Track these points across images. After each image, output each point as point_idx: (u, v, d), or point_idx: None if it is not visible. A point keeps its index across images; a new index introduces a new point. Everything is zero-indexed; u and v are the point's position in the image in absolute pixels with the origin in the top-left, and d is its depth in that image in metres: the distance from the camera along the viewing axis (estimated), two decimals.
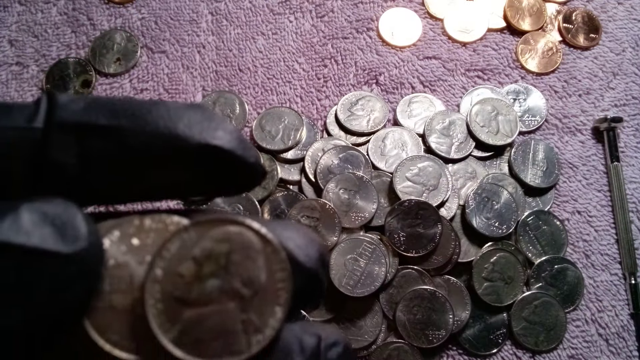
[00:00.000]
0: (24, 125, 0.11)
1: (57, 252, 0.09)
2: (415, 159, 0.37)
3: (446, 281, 0.35)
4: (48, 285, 0.09)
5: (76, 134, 0.11)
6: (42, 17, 0.43)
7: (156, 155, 0.12)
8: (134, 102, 0.12)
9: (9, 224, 0.09)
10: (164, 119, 0.12)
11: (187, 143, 0.12)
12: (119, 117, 0.12)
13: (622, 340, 0.35)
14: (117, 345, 0.11)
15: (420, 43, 0.42)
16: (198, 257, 0.11)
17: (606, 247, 0.37)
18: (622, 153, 0.39)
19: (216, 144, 0.12)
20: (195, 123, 0.12)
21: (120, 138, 0.12)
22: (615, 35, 0.43)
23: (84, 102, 0.12)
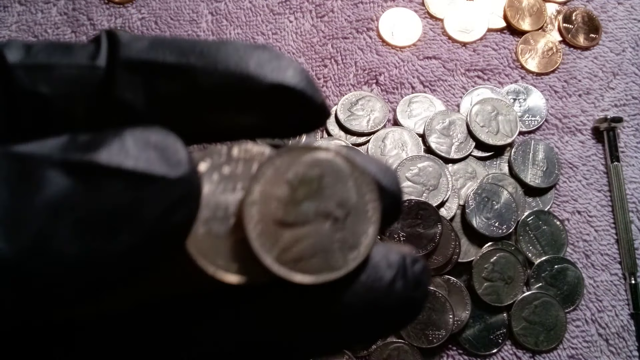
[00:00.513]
0: (86, 63, 0.11)
1: (163, 176, 0.09)
2: (415, 159, 0.37)
3: (446, 281, 0.35)
4: (156, 208, 0.09)
5: (143, 72, 0.11)
6: (42, 17, 0.43)
7: (227, 95, 0.12)
8: (200, 41, 0.12)
9: (117, 149, 0.09)
10: (234, 58, 0.12)
11: (259, 82, 0.12)
12: (188, 55, 0.12)
13: (622, 340, 0.35)
14: (220, 268, 0.11)
15: (420, 43, 0.42)
16: (292, 181, 0.12)
17: (606, 247, 0.37)
18: (622, 153, 0.39)
19: (288, 83, 0.12)
20: (265, 62, 0.12)
21: (190, 77, 0.11)
22: (615, 35, 0.43)
23: (148, 41, 0.12)
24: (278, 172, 0.12)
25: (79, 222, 0.09)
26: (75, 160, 0.09)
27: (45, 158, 0.09)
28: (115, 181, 0.09)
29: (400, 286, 0.12)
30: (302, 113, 0.12)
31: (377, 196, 0.12)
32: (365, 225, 0.12)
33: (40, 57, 0.11)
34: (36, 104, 0.11)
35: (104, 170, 0.09)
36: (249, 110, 0.12)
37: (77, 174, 0.09)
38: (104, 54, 0.11)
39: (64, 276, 0.09)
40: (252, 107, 0.12)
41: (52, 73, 0.11)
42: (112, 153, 0.09)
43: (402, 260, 0.12)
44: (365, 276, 0.12)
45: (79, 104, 0.11)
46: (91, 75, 0.11)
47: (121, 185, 0.09)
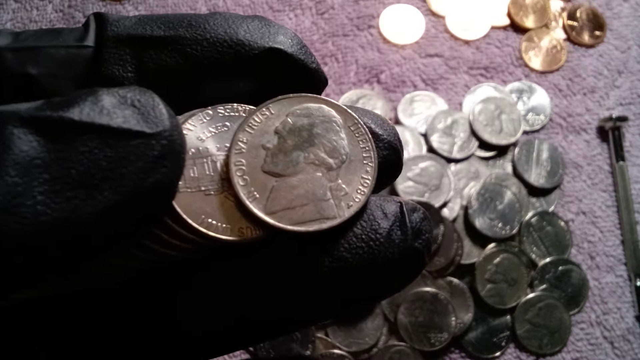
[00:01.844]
0: (74, 44, 0.11)
1: (140, 131, 0.09)
2: (417, 158, 0.36)
3: (448, 283, 0.34)
4: (134, 165, 0.09)
5: (131, 47, 0.11)
6: (37, 14, 0.42)
7: (218, 64, 0.12)
8: (188, 14, 0.12)
9: (90, 106, 0.09)
10: (223, 26, 0.12)
11: (249, 48, 0.12)
12: (176, 27, 0.12)
13: (627, 343, 0.34)
14: (211, 228, 0.11)
15: (422, 41, 0.41)
16: (281, 131, 0.11)
17: (611, 248, 0.36)
18: (627, 152, 0.38)
19: (278, 47, 0.12)
20: (255, 29, 0.12)
21: (179, 48, 0.11)
22: (620, 32, 0.42)
23: (136, 18, 0.12)
24: (267, 122, 0.11)
25: (53, 181, 0.08)
26: (45, 117, 0.09)
27: (13, 115, 0.09)
28: (89, 138, 0.09)
29: (399, 236, 0.11)
30: (295, 77, 0.12)
31: (372, 145, 0.12)
32: (360, 173, 0.12)
33: (28, 41, 0.11)
34: (25, 85, 0.11)
35: (77, 126, 0.09)
36: (242, 77, 0.12)
37: (48, 131, 0.09)
38: (92, 34, 0.12)
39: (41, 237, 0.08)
40: (245, 74, 0.12)
41: (40, 54, 0.11)
42: (84, 110, 0.09)
43: (399, 209, 0.12)
44: (360, 227, 0.11)
45: (68, 84, 0.11)
46: (79, 54, 0.11)
47: (96, 142, 0.09)
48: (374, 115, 0.13)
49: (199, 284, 0.11)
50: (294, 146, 0.11)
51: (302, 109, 0.12)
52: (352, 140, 0.12)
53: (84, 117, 0.09)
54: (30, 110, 0.09)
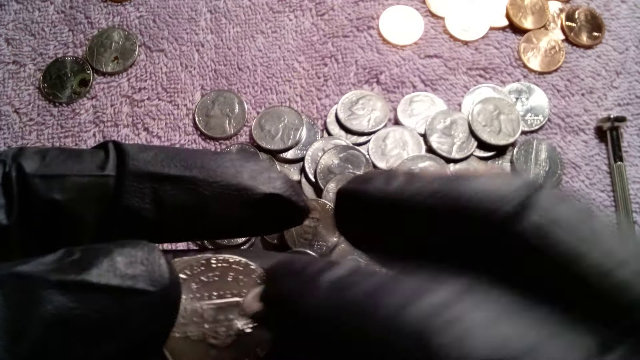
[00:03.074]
0: (97, 173, 0.13)
1: (146, 290, 0.11)
2: (417, 158, 0.37)
3: None
4: (137, 319, 0.11)
5: (151, 182, 0.13)
6: (39, 16, 0.42)
7: (225, 203, 0.13)
8: (199, 153, 0.14)
9: (107, 267, 0.11)
10: (231, 171, 0.14)
11: (253, 193, 0.14)
12: (191, 168, 0.13)
13: None
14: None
15: (422, 41, 0.42)
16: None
17: None
18: (625, 153, 0.39)
19: (277, 192, 0.14)
20: (258, 174, 0.14)
21: (193, 188, 0.13)
22: (618, 33, 0.42)
23: (153, 152, 0.13)
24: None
25: (69, 334, 0.10)
26: (70, 280, 0.10)
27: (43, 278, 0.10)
28: (103, 298, 0.10)
29: None
30: (288, 214, 0.14)
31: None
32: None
33: (54, 166, 0.13)
34: (51, 209, 0.12)
35: (94, 288, 0.10)
36: (244, 215, 0.14)
37: (71, 292, 0.10)
38: (113, 164, 0.13)
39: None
40: (246, 212, 0.14)
41: (65, 181, 0.12)
42: (101, 272, 0.10)
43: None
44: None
45: (89, 209, 0.13)
46: (101, 183, 0.13)
47: (108, 301, 0.10)
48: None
49: None
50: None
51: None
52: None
53: (101, 280, 0.10)
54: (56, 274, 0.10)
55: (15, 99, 0.40)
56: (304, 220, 0.15)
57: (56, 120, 0.39)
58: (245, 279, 0.13)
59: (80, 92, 0.40)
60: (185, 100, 0.40)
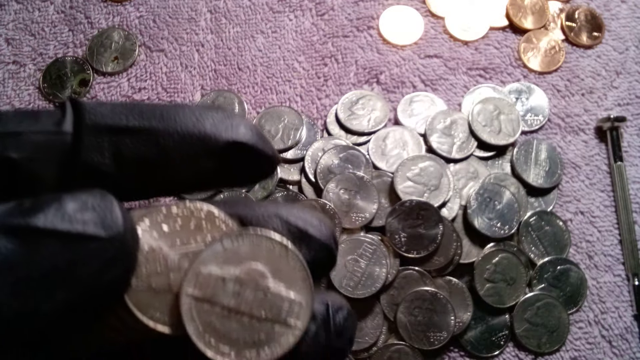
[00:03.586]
0: (53, 129, 0.12)
1: (97, 236, 0.10)
2: (417, 158, 0.37)
3: (447, 282, 0.34)
4: (90, 267, 0.10)
5: (109, 136, 0.12)
6: (39, 16, 0.42)
7: (187, 154, 0.13)
8: (159, 105, 0.13)
9: (54, 212, 0.10)
10: (192, 119, 0.13)
11: (215, 141, 0.13)
12: (150, 118, 0.13)
13: (625, 342, 0.35)
14: (159, 322, 0.12)
15: (422, 41, 0.42)
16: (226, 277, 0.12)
17: (609, 247, 0.37)
18: (625, 153, 0.39)
19: (241, 139, 0.13)
20: (219, 122, 0.13)
21: (153, 139, 0.13)
22: (618, 33, 0.42)
23: (111, 106, 0.13)
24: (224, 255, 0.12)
25: (17, 282, 0.10)
26: (15, 224, 0.10)
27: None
28: (51, 243, 0.10)
29: (324, 338, 0.13)
30: (254, 164, 0.14)
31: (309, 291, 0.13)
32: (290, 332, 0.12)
33: (10, 125, 0.12)
34: (6, 168, 0.12)
35: (41, 232, 0.10)
36: (206, 164, 0.13)
37: (17, 236, 0.10)
38: (70, 120, 0.12)
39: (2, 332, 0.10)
40: (208, 162, 0.13)
41: (20, 139, 0.12)
42: (48, 216, 0.10)
43: (325, 311, 0.13)
44: None
45: (47, 167, 0.12)
46: (58, 140, 0.12)
47: (57, 246, 0.10)
48: (314, 216, 0.14)
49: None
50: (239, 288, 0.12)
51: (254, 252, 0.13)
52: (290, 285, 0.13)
53: (48, 224, 0.10)
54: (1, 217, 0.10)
55: (15, 99, 0.40)
56: (273, 170, 0.14)
57: None
58: (209, 227, 0.13)
59: (81, 92, 0.40)
60: (185, 100, 0.40)
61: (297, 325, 0.12)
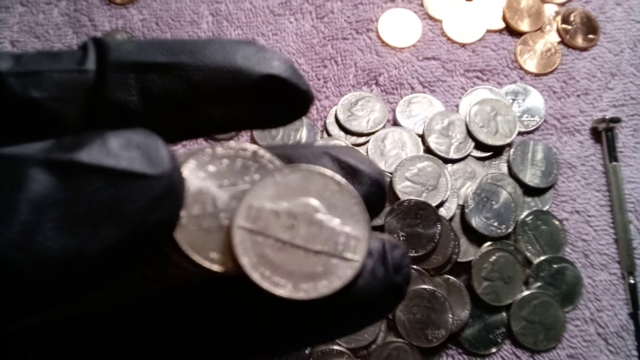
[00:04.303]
0: (75, 67, 0.12)
1: (144, 173, 0.10)
2: (415, 159, 0.37)
3: (445, 281, 0.35)
4: (137, 204, 0.10)
5: (135, 72, 0.12)
6: (43, 18, 0.43)
7: (218, 89, 0.12)
8: (187, 40, 0.13)
9: (99, 148, 0.10)
10: (222, 53, 0.12)
11: (248, 74, 0.12)
12: (177, 53, 0.12)
13: (621, 340, 0.35)
14: (215, 262, 0.12)
15: (420, 44, 0.42)
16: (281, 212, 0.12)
17: (605, 246, 0.37)
18: (620, 153, 0.39)
19: (274, 73, 0.12)
20: (252, 55, 0.12)
21: (181, 74, 0.12)
22: (613, 36, 0.43)
23: (136, 43, 0.12)
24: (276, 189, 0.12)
25: (62, 218, 0.09)
26: (58, 159, 0.09)
27: (29, 158, 0.09)
28: (96, 179, 0.09)
29: (382, 273, 0.12)
30: (289, 100, 0.13)
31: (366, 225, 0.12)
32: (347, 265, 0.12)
33: (30, 64, 0.12)
34: (29, 109, 0.11)
35: (86, 168, 0.09)
36: (239, 101, 0.13)
37: (60, 172, 0.09)
38: (92, 58, 0.12)
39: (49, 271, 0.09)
40: (243, 98, 0.12)
41: (42, 78, 0.11)
42: (93, 152, 0.10)
43: (381, 247, 0.13)
44: None
45: (71, 107, 0.12)
46: (81, 78, 0.12)
47: (102, 183, 0.09)
48: (360, 155, 0.14)
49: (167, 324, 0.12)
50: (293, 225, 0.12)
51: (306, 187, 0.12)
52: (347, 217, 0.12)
53: (93, 159, 0.09)
54: (43, 153, 0.09)
55: None
56: (308, 108, 0.13)
57: None
58: (257, 166, 0.12)
59: None
60: None
61: (355, 259, 0.12)
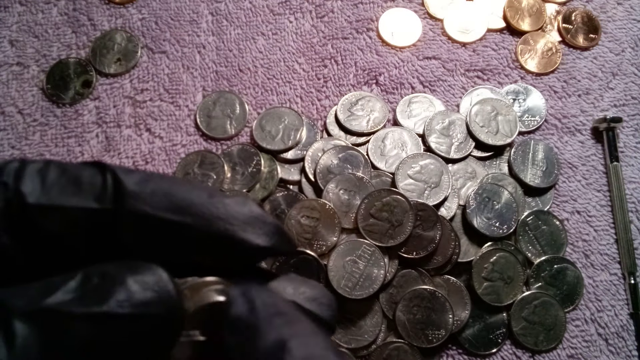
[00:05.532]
0: (95, 206, 0.13)
1: (159, 315, 0.12)
2: (417, 156, 0.37)
3: (446, 281, 0.35)
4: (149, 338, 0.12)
5: (145, 223, 0.13)
6: (42, 18, 0.43)
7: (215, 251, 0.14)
8: (195, 196, 0.14)
9: (122, 297, 0.12)
10: (223, 221, 0.14)
11: (244, 246, 0.14)
12: (184, 213, 0.14)
13: (621, 340, 0.35)
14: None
15: (420, 43, 0.42)
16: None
17: (605, 247, 0.37)
18: (621, 153, 0.39)
19: (264, 245, 0.14)
20: (248, 225, 0.14)
21: (184, 233, 0.14)
22: (614, 35, 0.43)
23: (151, 190, 0.14)
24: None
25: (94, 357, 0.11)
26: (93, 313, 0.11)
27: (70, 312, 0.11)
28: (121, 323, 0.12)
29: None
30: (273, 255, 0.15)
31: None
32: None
33: (53, 194, 0.13)
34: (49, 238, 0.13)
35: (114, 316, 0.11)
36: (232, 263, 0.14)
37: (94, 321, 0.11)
38: (110, 197, 0.13)
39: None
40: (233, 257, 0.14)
41: (64, 214, 0.13)
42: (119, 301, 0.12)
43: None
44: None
45: (84, 241, 0.13)
46: (99, 220, 0.13)
47: (125, 325, 0.12)
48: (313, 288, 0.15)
49: None
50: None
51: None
52: None
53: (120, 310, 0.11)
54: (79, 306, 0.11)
55: (19, 100, 0.40)
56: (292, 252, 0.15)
57: (59, 121, 0.40)
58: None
59: (84, 93, 0.40)
60: (186, 101, 0.40)
61: None
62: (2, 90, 0.41)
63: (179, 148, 0.39)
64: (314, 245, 0.34)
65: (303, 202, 0.36)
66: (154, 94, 0.41)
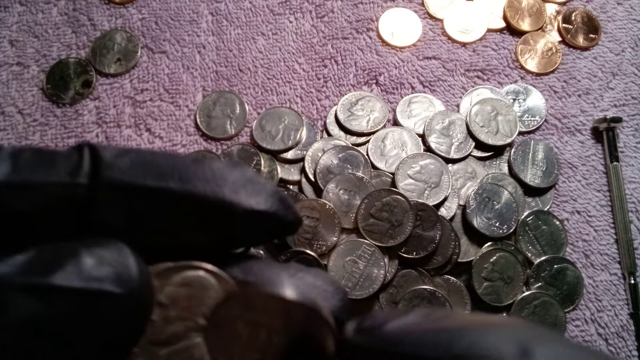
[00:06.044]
0: (68, 181, 0.12)
1: (113, 292, 0.11)
2: (417, 156, 0.37)
3: (446, 281, 0.35)
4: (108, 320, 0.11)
5: (124, 194, 0.12)
6: (42, 18, 0.43)
7: (203, 218, 0.12)
8: (178, 162, 0.13)
9: (71, 269, 0.10)
10: (210, 182, 0.12)
11: (233, 208, 0.12)
12: (167, 179, 0.12)
13: (621, 340, 0.35)
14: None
15: (420, 43, 0.42)
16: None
17: (605, 247, 0.37)
18: (621, 153, 0.39)
19: (261, 209, 0.12)
20: (239, 186, 0.12)
21: (168, 200, 0.12)
22: (614, 35, 0.43)
23: (129, 159, 0.12)
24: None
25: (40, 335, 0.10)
26: (35, 283, 0.10)
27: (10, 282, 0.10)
28: (70, 299, 0.10)
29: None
30: (274, 229, 0.13)
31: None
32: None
33: (26, 173, 0.12)
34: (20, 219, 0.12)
35: (60, 290, 0.10)
36: (221, 229, 0.13)
37: (37, 294, 0.10)
38: (86, 169, 0.12)
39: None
40: (224, 227, 0.13)
41: (36, 191, 0.12)
42: (67, 274, 0.10)
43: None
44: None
45: (60, 219, 0.12)
46: (73, 194, 0.12)
47: (76, 302, 0.10)
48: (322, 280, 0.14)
49: None
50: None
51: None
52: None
53: (65, 282, 0.10)
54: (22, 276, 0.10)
55: (19, 100, 0.40)
56: (295, 231, 0.14)
57: (59, 121, 0.40)
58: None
59: (83, 93, 0.40)
60: (186, 101, 0.40)
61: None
62: (2, 90, 0.41)
63: (179, 148, 0.39)
64: (314, 245, 0.34)
65: (303, 202, 0.36)
66: (154, 94, 0.41)
